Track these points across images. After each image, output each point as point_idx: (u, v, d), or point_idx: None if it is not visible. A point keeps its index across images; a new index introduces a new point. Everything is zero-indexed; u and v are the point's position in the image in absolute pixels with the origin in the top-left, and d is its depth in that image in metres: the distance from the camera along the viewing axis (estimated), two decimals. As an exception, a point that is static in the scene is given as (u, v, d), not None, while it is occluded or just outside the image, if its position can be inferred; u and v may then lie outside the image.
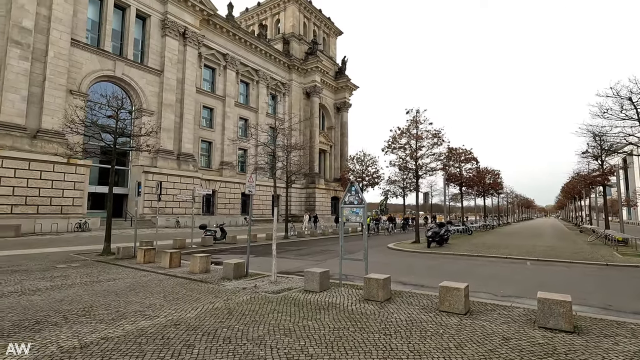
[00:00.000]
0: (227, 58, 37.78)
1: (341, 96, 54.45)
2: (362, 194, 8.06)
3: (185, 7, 32.21)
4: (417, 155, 18.04)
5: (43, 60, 23.25)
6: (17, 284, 7.72)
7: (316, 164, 47.30)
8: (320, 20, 54.70)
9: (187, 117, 32.58)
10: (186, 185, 30.85)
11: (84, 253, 13.23)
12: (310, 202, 45.97)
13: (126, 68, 28.51)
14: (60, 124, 23.10)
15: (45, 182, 22.28)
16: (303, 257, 14.08)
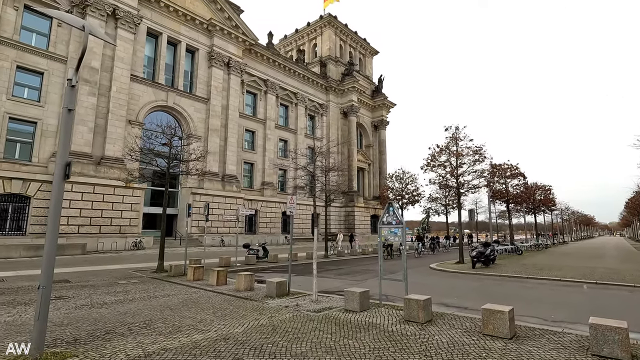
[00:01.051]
0: (267, 83, 39.74)
1: (378, 114, 54.66)
2: (400, 214, 8.16)
3: (229, 39, 34.66)
4: (458, 173, 17.66)
5: (107, 95, 26.03)
6: (87, 298, 8.63)
7: (355, 183, 47.42)
8: (355, 41, 55.98)
9: (231, 140, 34.45)
10: (230, 205, 32.30)
11: (140, 270, 14.33)
12: (349, 220, 45.90)
13: (177, 98, 31.00)
14: (120, 151, 25.50)
15: (107, 204, 24.51)
16: (343, 277, 14.17)
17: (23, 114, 22.59)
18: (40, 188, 22.32)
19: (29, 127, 23.03)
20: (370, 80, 56.42)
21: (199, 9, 32.43)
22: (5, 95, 21.85)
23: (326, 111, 47.68)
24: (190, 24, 32.01)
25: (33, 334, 4.54)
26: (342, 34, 53.34)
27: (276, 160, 39.83)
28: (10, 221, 21.65)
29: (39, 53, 23.50)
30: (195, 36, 32.59)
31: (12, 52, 22.31)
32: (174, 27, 30.98)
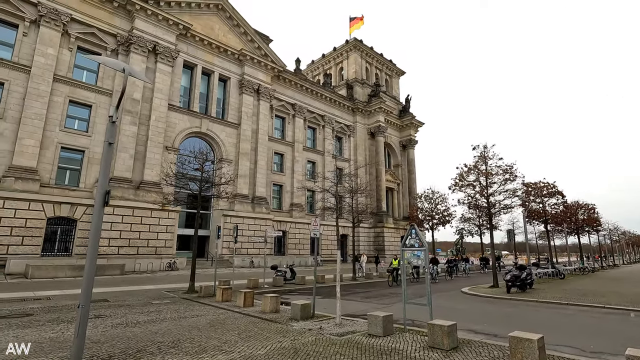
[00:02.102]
0: (295, 107, 40.95)
1: (406, 134, 54.36)
2: (422, 236, 8.10)
3: (259, 67, 36.37)
4: (488, 193, 17.13)
5: (147, 124, 27.92)
6: (123, 317, 9.11)
7: (383, 203, 46.88)
8: (381, 63, 56.74)
9: (260, 163, 35.50)
10: (259, 227, 32.90)
11: (173, 290, 14.88)
12: (379, 241, 45.16)
13: (210, 124, 32.64)
14: (157, 176, 27.00)
15: (144, 226, 25.82)
16: (369, 300, 13.96)
17: (73, 144, 24.66)
18: (86, 212, 23.95)
19: (78, 155, 25.05)
20: (397, 100, 56.59)
21: (231, 41, 34.47)
22: (58, 127, 24.04)
23: (353, 132, 48.12)
24: (223, 55, 34.01)
25: (72, 350, 4.92)
26: (368, 57, 54.33)
27: (304, 182, 40.39)
28: (59, 242, 23.29)
29: (89, 88, 25.81)
30: (227, 66, 34.51)
31: (66, 88, 24.68)
32: (208, 58, 33.04)
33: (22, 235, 21.22)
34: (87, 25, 25.98)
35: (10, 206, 21.00)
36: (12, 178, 21.37)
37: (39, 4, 23.68)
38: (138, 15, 27.62)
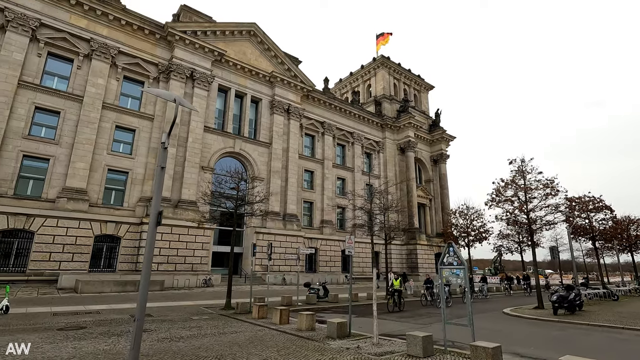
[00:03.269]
0: (324, 125, 41.63)
1: (437, 148, 53.46)
2: (461, 254, 7.95)
3: (289, 88, 37.54)
4: (528, 208, 16.45)
5: (184, 145, 29.41)
6: (167, 332, 9.50)
7: (415, 219, 45.90)
8: (409, 79, 56.74)
9: (291, 180, 36.12)
10: (291, 244, 33.20)
11: (210, 307, 15.29)
12: (412, 259, 44.03)
13: (243, 144, 33.83)
14: (194, 195, 28.15)
15: (182, 243, 26.84)
16: (405, 320, 13.63)
17: (118, 166, 26.38)
18: (129, 229, 25.33)
19: (122, 176, 26.71)
20: (426, 115, 56.06)
21: (262, 64, 35.96)
22: (106, 150, 25.88)
23: (383, 148, 48.00)
24: (255, 77, 35.47)
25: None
26: (396, 73, 54.56)
27: (334, 199, 40.52)
28: (104, 259, 24.68)
29: (132, 113, 27.71)
30: (259, 88, 35.90)
31: (113, 114, 26.65)
32: (241, 81, 34.58)
33: (72, 252, 22.71)
34: (132, 57, 28.13)
35: (63, 225, 22.64)
36: (64, 199, 23.11)
37: (92, 39, 26.02)
38: (177, 44, 29.59)
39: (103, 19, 26.72)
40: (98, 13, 26.39)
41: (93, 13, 26.27)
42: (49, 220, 22.23)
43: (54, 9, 24.91)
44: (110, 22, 27.04)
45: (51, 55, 25.10)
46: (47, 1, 24.64)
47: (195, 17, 32.40)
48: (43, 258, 21.71)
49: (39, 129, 23.82)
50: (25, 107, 23.16)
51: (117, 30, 27.47)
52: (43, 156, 23.44)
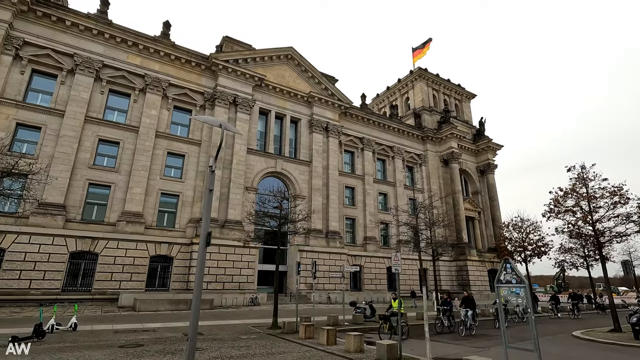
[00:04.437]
0: (363, 141, 41.52)
1: (483, 158, 50.99)
2: (519, 271, 7.35)
3: (326, 107, 38.15)
4: (594, 219, 14.97)
5: (229, 167, 30.71)
6: (217, 351, 9.67)
7: (464, 234, 43.61)
8: (449, 89, 55.30)
9: (332, 197, 36.14)
10: (334, 262, 32.89)
11: (257, 326, 15.42)
12: (462, 276, 41.62)
13: (284, 163, 34.64)
14: (239, 215, 29.06)
15: (229, 262, 27.64)
16: (460, 342, 12.77)
17: (170, 189, 28.07)
18: (180, 250, 26.61)
19: (173, 199, 28.34)
20: (469, 125, 53.99)
21: (300, 85, 37.00)
22: (159, 175, 27.71)
23: (425, 161, 46.73)
24: (294, 99, 36.51)
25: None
26: (434, 84, 53.49)
27: (377, 215, 39.82)
28: (159, 278, 26.01)
29: (182, 140, 29.57)
30: (297, 108, 36.85)
31: (164, 142, 28.62)
32: (280, 103, 35.75)
33: (131, 272, 24.23)
34: (181, 87, 30.26)
35: (122, 246, 24.32)
36: (124, 222, 24.90)
37: (146, 75, 28.44)
38: (221, 73, 31.42)
39: (155, 55, 29.18)
40: (151, 51, 28.88)
41: (147, 51, 28.79)
42: (110, 242, 24.01)
43: (114, 51, 27.66)
44: (161, 57, 29.45)
45: (112, 91, 27.72)
46: (108, 44, 27.46)
47: (236, 46, 34.31)
48: (106, 278, 23.37)
49: (102, 159, 26.14)
50: (91, 140, 25.60)
51: (168, 64, 29.80)
52: (105, 183, 25.59)
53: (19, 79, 24.27)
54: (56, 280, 21.79)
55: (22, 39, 24.43)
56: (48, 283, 21.48)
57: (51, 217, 22.45)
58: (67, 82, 25.77)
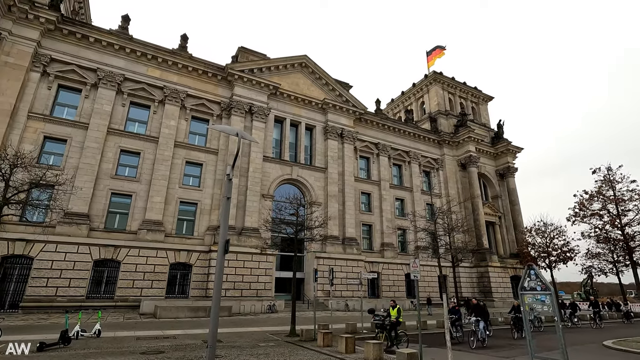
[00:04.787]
0: (378, 146, 41.31)
1: (503, 161, 49.85)
2: (544, 277, 7.09)
3: (341, 113, 38.23)
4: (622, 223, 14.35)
5: (246, 175, 31.08)
6: (236, 358, 9.71)
7: (484, 239, 42.53)
8: (465, 92, 54.54)
9: (348, 204, 35.99)
10: (352, 268, 32.62)
11: (275, 333, 15.40)
12: (483, 282, 40.49)
13: (300, 170, 34.80)
14: (257, 222, 29.27)
15: (246, 269, 27.82)
16: (483, 351, 12.38)
17: (188, 198, 28.59)
18: (199, 257, 26.97)
19: (192, 207, 28.83)
20: (487, 128, 52.99)
21: (314, 92, 37.25)
22: (178, 184, 28.29)
23: (442, 165, 46.04)
24: (308, 106, 36.77)
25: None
26: (450, 87, 52.87)
27: (394, 221, 39.38)
28: (178, 286, 26.41)
29: (199, 149, 30.16)
30: (312, 115, 37.07)
31: (183, 151, 29.26)
32: (295, 111, 36.06)
33: (151, 279, 24.70)
34: (198, 98, 30.96)
35: (144, 254, 24.85)
36: (144, 230, 25.48)
37: (165, 87, 29.26)
38: (237, 83, 32.00)
39: (174, 67, 30.02)
40: (169, 63, 29.74)
41: (165, 64, 29.67)
42: (132, 250, 24.58)
43: (134, 64, 28.61)
44: (179, 70, 30.27)
45: (133, 104, 28.63)
46: (129, 58, 28.44)
47: (251, 56, 34.93)
48: (127, 285, 23.89)
49: (124, 169, 26.91)
50: (113, 151, 26.43)
51: (185, 76, 30.60)
52: (127, 192, 26.30)
53: (46, 94, 25.39)
54: (81, 287, 22.42)
55: (49, 56, 25.59)
56: (73, 290, 22.12)
57: (76, 226, 23.20)
58: (91, 96, 26.79)
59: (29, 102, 24.31)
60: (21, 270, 21.49)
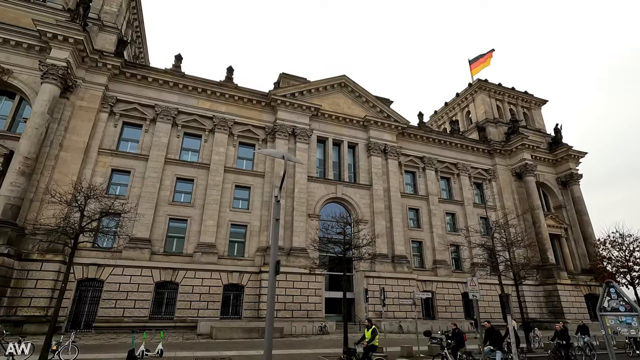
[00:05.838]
0: (424, 160, 40.16)
1: (564, 168, 45.95)
2: (627, 296, 6.28)
3: (383, 129, 37.96)
4: None
5: (292, 196, 31.68)
6: (290, 381, 9.61)
7: (550, 254, 38.89)
8: (514, 97, 51.70)
9: (395, 220, 35.07)
10: (403, 288, 31.38)
11: (328, 356, 15.10)
12: (552, 302, 36.74)
13: (344, 189, 34.77)
14: (304, 242, 29.48)
15: (296, 290, 27.91)
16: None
17: (238, 220, 29.68)
18: (250, 278, 27.61)
19: (242, 229, 29.83)
20: (542, 133, 49.50)
21: (355, 111, 37.52)
22: (228, 208, 29.55)
23: (494, 176, 43.50)
24: (349, 124, 37.03)
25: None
26: (497, 94, 50.48)
27: (445, 236, 37.58)
28: (231, 306, 27.11)
29: (247, 173, 31.44)
30: (354, 133, 37.22)
31: (232, 176, 30.67)
32: (336, 130, 36.48)
33: (207, 300, 25.66)
34: (244, 125, 32.56)
35: (199, 276, 25.99)
36: (199, 253, 26.75)
37: (214, 117, 31.23)
38: (279, 107, 33.25)
39: (221, 98, 32.04)
40: (218, 94, 31.80)
41: (214, 95, 31.77)
42: (188, 272, 25.84)
43: (187, 98, 30.99)
44: (226, 100, 32.22)
45: (186, 134, 30.81)
46: (182, 93, 30.89)
47: (292, 80, 36.24)
48: (185, 306, 25.01)
49: (179, 195, 28.76)
50: (170, 179, 28.43)
51: (232, 105, 32.46)
52: (183, 217, 27.96)
53: (113, 131, 28.22)
54: (144, 308, 23.87)
55: (115, 97, 28.59)
56: (138, 311, 23.61)
57: (139, 251, 24.99)
58: (150, 130, 29.30)
59: (99, 139, 27.14)
60: (93, 293, 23.45)
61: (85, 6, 27.40)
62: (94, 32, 28.87)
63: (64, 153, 25.19)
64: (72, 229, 14.26)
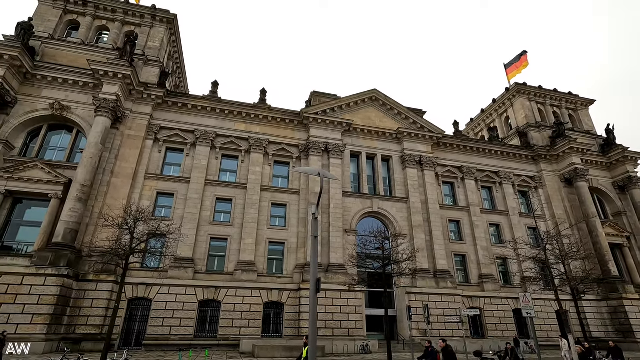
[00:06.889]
0: (462, 170, 38.71)
1: (620, 171, 42.31)
2: None
3: (417, 140, 37.24)
4: None
5: (327, 212, 31.64)
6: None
7: (611, 265, 35.48)
8: (557, 99, 48.89)
9: (435, 233, 33.80)
10: (448, 304, 29.88)
11: (372, 377, 14.58)
12: (619, 319, 33.20)
13: (380, 202, 34.22)
14: (342, 258, 29.16)
15: (336, 307, 27.47)
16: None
17: (276, 238, 30.05)
18: (290, 296, 27.61)
19: (280, 247, 30.13)
20: (592, 135, 46.18)
21: (387, 123, 37.24)
22: (266, 226, 30.07)
23: (540, 183, 40.93)
24: (382, 137, 36.76)
25: None
26: (538, 97, 48.04)
27: (491, 249, 35.58)
28: (272, 324, 27.16)
29: (283, 191, 31.97)
30: (387, 146, 36.84)
31: (268, 194, 31.30)
32: (369, 144, 36.32)
33: (248, 318, 25.93)
34: (279, 144, 33.36)
35: (240, 294, 26.42)
36: (240, 271, 27.27)
37: (249, 138, 32.34)
38: (312, 125, 33.79)
39: (256, 120, 33.18)
40: (252, 116, 33.00)
41: (249, 118, 32.99)
42: (230, 290, 26.36)
43: (223, 121, 32.42)
44: (260, 121, 33.31)
45: (224, 156, 32.09)
46: (219, 117, 32.38)
47: (323, 98, 36.80)
48: (228, 324, 25.42)
49: (219, 215, 29.74)
50: (210, 199, 29.54)
51: (266, 125, 33.47)
52: (223, 237, 28.80)
53: (157, 156, 30.03)
54: (189, 327, 24.56)
55: (159, 125, 30.53)
56: (183, 329, 24.32)
57: (184, 270, 25.95)
58: (191, 154, 30.84)
59: (145, 165, 28.95)
60: (143, 311, 24.53)
61: (131, 44, 29.89)
62: (139, 66, 31.27)
63: (114, 179, 27.10)
64: (124, 250, 15.15)
